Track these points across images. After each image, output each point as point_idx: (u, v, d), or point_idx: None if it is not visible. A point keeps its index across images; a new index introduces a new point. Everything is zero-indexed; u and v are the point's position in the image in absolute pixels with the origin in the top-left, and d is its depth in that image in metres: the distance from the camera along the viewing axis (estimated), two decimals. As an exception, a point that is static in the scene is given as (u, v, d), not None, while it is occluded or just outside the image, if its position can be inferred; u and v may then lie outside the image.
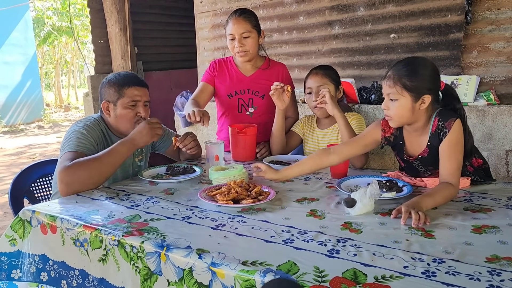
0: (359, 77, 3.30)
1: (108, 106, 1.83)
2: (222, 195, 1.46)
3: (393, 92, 1.48)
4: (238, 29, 2.13)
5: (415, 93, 1.46)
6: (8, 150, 7.55)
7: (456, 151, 1.47)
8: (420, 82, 1.46)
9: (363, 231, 1.20)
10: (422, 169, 1.64)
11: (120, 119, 1.84)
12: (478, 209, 1.35)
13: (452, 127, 1.46)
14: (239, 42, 2.14)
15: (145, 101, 1.86)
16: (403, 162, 1.70)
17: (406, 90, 1.46)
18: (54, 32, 14.01)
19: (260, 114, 2.28)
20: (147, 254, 1.15)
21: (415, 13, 2.97)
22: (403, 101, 1.48)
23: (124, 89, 1.81)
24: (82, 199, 1.55)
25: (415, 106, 1.48)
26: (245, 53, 2.17)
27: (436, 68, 1.53)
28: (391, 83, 1.48)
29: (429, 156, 1.56)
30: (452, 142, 1.47)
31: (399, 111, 1.50)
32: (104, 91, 1.85)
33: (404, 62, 1.51)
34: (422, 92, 1.46)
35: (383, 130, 1.66)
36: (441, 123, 1.49)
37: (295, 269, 0.98)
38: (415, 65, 1.49)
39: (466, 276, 0.93)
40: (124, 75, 1.88)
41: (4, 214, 4.00)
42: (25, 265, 1.46)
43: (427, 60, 1.55)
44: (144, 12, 5.75)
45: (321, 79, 2.05)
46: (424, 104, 1.48)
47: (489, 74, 2.75)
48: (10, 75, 10.74)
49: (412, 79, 1.45)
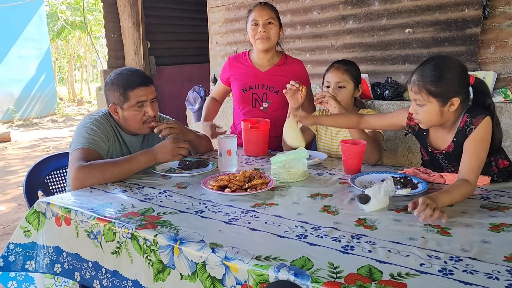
0: (373, 73, 3.26)
1: (116, 109, 1.83)
2: (214, 181, 1.55)
3: (419, 98, 1.45)
4: (263, 15, 2.15)
5: (442, 98, 1.42)
6: (23, 143, 7.65)
7: (479, 149, 1.43)
8: (447, 87, 1.42)
9: (377, 228, 1.19)
10: (445, 164, 1.60)
11: (128, 121, 1.84)
12: (495, 207, 1.33)
13: (480, 124, 1.42)
14: (263, 27, 2.15)
15: (152, 99, 1.85)
16: (427, 154, 1.67)
17: (432, 96, 1.42)
18: (67, 27, 14.13)
19: (274, 109, 2.28)
20: (160, 248, 1.15)
21: (431, 8, 2.92)
22: (431, 107, 1.44)
23: (129, 92, 1.79)
24: (96, 191, 1.56)
25: (444, 110, 1.45)
26: (267, 39, 2.16)
27: (463, 66, 1.47)
28: (417, 89, 1.44)
29: (454, 152, 1.52)
30: (477, 139, 1.43)
31: (427, 116, 1.47)
32: (109, 94, 1.84)
33: (428, 65, 1.45)
34: (450, 96, 1.42)
35: (409, 118, 1.63)
36: (469, 120, 1.45)
37: (309, 264, 0.97)
38: (440, 68, 1.43)
39: (484, 274, 0.91)
40: (126, 75, 1.83)
41: (18, 206, 4.06)
42: (39, 257, 1.47)
43: (452, 60, 1.48)
44: (156, 6, 5.76)
45: (342, 75, 2.03)
46: (453, 106, 1.44)
47: (507, 70, 2.70)
48: (24, 69, 10.86)
49: (438, 85, 1.41)
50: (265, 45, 2.19)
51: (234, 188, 1.49)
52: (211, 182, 1.56)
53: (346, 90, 2.03)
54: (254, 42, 2.21)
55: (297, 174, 1.65)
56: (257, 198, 1.46)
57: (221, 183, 1.52)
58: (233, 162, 1.81)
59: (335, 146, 2.11)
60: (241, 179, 1.54)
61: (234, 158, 1.81)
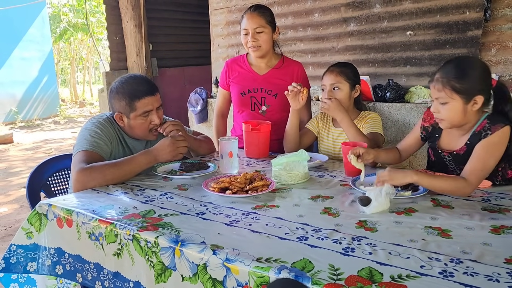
0: (374, 75, 3.27)
1: (122, 117, 1.83)
2: (215, 183, 1.55)
3: (442, 96, 1.45)
4: (252, 24, 2.13)
5: (466, 95, 1.43)
6: (25, 144, 7.67)
7: (488, 154, 1.42)
8: (471, 84, 1.42)
9: (378, 230, 1.19)
10: (452, 167, 1.60)
11: (134, 129, 1.85)
12: (496, 210, 1.33)
13: (497, 131, 1.42)
14: (252, 37, 2.14)
15: (157, 107, 1.86)
16: (434, 155, 1.67)
17: (456, 93, 1.43)
18: (70, 29, 14.19)
19: (273, 112, 2.27)
20: (161, 249, 1.16)
21: (432, 10, 2.93)
22: (454, 104, 1.44)
23: (135, 102, 1.78)
24: (97, 193, 1.57)
25: (467, 108, 1.45)
26: (257, 48, 2.16)
27: (487, 66, 1.48)
28: (440, 87, 1.45)
29: (464, 154, 1.52)
30: (489, 144, 1.43)
31: (450, 114, 1.47)
32: (114, 102, 1.83)
33: (452, 63, 1.47)
34: (474, 93, 1.43)
35: (423, 119, 1.63)
36: (488, 125, 1.45)
37: (310, 266, 0.98)
38: (464, 66, 1.44)
39: (484, 277, 0.92)
40: (132, 84, 1.82)
41: (20, 208, 4.07)
42: (41, 258, 1.48)
43: (476, 59, 1.51)
44: (159, 9, 5.78)
45: (335, 77, 2.03)
46: (476, 104, 1.44)
47: (508, 72, 2.70)
48: (27, 71, 10.91)
49: (462, 81, 1.42)
50: (257, 54, 2.20)
51: (235, 190, 1.50)
52: (212, 184, 1.56)
53: (341, 91, 2.04)
54: (247, 49, 2.23)
55: (298, 176, 1.65)
56: (258, 200, 1.46)
57: (222, 185, 1.52)
58: (234, 164, 1.81)
59: (336, 148, 2.11)
60: (242, 181, 1.54)
61: (235, 160, 1.82)
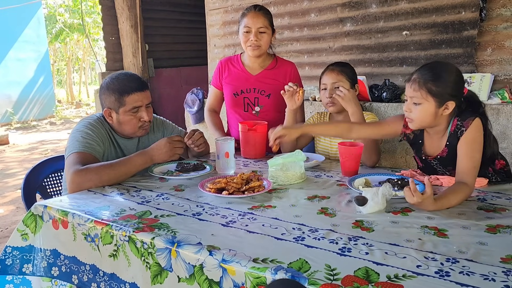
0: (370, 75, 3.27)
1: (110, 113, 1.84)
2: (212, 184, 1.55)
3: (417, 96, 1.48)
4: (256, 23, 2.13)
5: (440, 99, 1.46)
6: (21, 145, 7.64)
7: (472, 149, 1.45)
8: (446, 88, 1.45)
9: (374, 230, 1.19)
10: (440, 169, 1.63)
11: (123, 125, 1.85)
12: (492, 209, 1.33)
13: (470, 125, 1.45)
14: (255, 35, 2.13)
15: (147, 104, 1.86)
16: (421, 162, 1.69)
17: (431, 95, 1.46)
18: (66, 29, 14.14)
19: (267, 113, 2.27)
20: (157, 250, 1.15)
21: (428, 10, 2.94)
22: (427, 106, 1.47)
23: (124, 97, 1.79)
24: (93, 194, 1.56)
25: (438, 112, 1.48)
26: (258, 48, 2.16)
27: (461, 74, 1.52)
28: (416, 87, 1.48)
29: (448, 156, 1.55)
30: (468, 140, 1.45)
31: (421, 115, 1.50)
32: (104, 98, 1.84)
33: (430, 66, 1.50)
34: (447, 98, 1.46)
35: (404, 126, 1.65)
36: (460, 123, 1.48)
37: (307, 267, 0.97)
38: (441, 70, 1.48)
39: (480, 276, 0.92)
40: (122, 80, 1.83)
41: (16, 209, 4.05)
42: (36, 260, 1.47)
43: (452, 65, 1.54)
44: (155, 9, 5.78)
45: (337, 76, 2.03)
46: (447, 110, 1.48)
47: (504, 72, 2.71)
48: (23, 71, 10.87)
49: (438, 85, 1.45)
50: (256, 53, 2.19)
51: (232, 191, 1.50)
52: (208, 184, 1.56)
53: None
54: (245, 48, 2.21)
55: (295, 177, 1.65)
56: (254, 200, 1.46)
57: (219, 186, 1.52)
58: (230, 164, 1.81)
59: (333, 148, 2.11)
60: (238, 182, 1.54)
61: (231, 161, 1.81)
